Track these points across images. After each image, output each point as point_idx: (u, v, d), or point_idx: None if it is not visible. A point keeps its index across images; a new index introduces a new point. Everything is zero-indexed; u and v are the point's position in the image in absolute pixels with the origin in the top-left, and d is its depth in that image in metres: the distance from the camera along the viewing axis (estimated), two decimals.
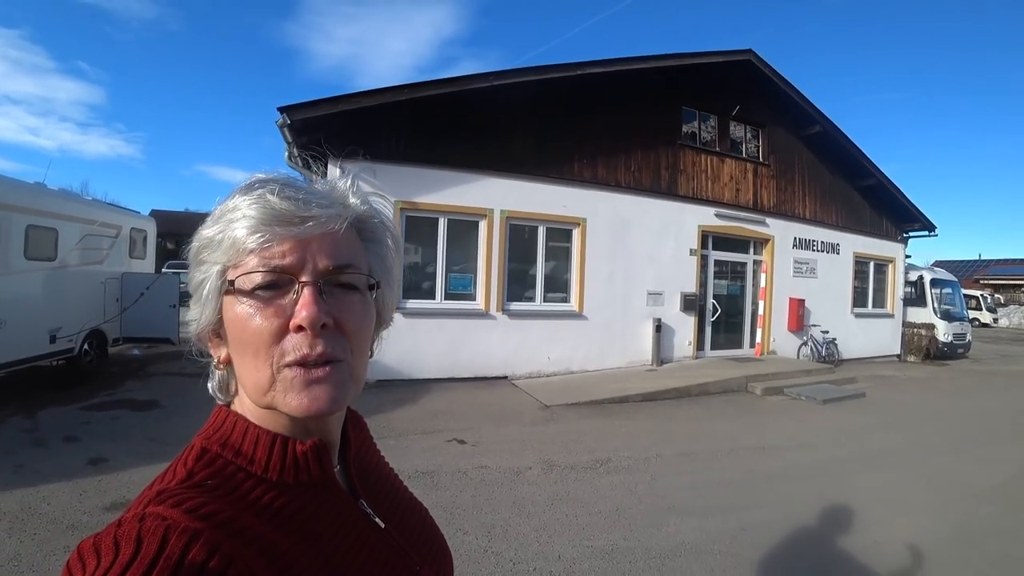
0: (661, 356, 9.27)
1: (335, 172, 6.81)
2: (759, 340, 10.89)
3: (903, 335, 13.42)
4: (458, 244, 8.07)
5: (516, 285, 8.42)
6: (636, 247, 9.19)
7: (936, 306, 13.97)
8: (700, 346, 10.05)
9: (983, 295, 29.60)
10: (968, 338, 14.39)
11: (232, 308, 0.52)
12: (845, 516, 3.79)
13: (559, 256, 8.84)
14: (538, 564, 2.99)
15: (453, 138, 7.76)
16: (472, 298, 8.09)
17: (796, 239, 11.29)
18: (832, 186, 12.00)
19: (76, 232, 6.90)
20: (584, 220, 8.72)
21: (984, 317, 27.72)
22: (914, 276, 14.41)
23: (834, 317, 11.69)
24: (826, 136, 11.27)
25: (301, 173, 7.53)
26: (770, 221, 10.83)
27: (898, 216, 13.33)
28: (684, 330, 9.73)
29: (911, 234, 13.86)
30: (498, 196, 8.09)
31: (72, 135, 75.29)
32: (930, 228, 13.56)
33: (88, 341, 7.15)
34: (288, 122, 6.58)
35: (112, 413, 5.57)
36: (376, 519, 0.61)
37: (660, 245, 9.45)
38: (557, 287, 8.82)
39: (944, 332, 13.57)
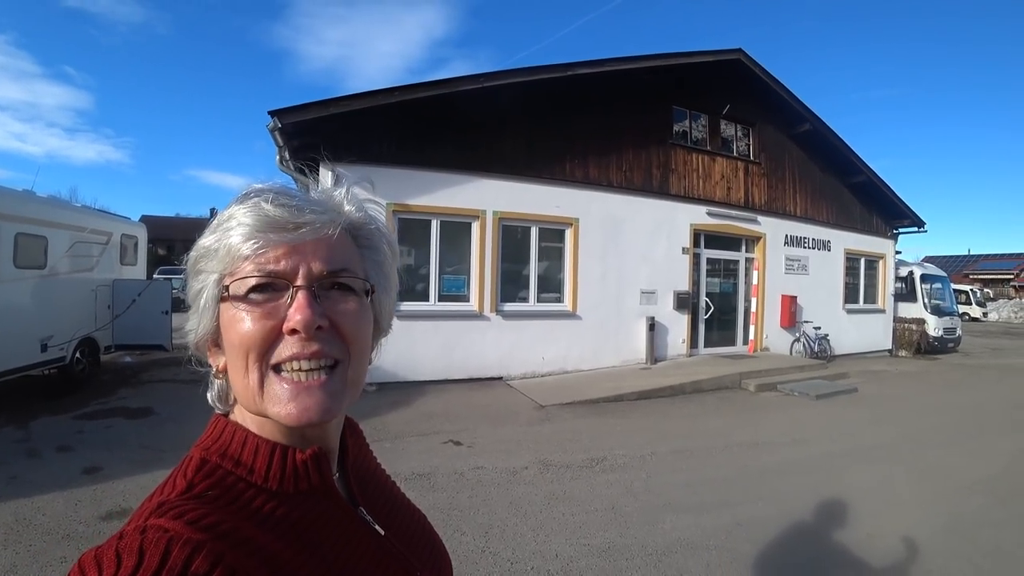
0: (655, 354, 9.31)
1: (327, 175, 6.79)
2: (752, 337, 10.96)
3: (894, 330, 13.55)
4: (451, 246, 8.07)
5: (510, 286, 8.43)
6: (629, 246, 9.23)
7: (926, 301, 14.13)
8: (694, 344, 10.11)
9: (972, 290, 29.95)
10: (958, 332, 14.55)
11: (227, 313, 0.53)
12: (839, 510, 3.83)
13: (552, 256, 8.86)
14: (536, 563, 3.00)
15: (444, 140, 7.76)
16: (466, 299, 8.09)
17: (787, 236, 11.37)
18: (822, 183, 12.10)
19: (66, 239, 6.83)
20: (576, 220, 8.74)
21: (974, 311, 28.03)
22: (904, 272, 14.57)
23: (826, 313, 11.77)
24: (816, 134, 11.37)
25: (292, 177, 7.51)
26: (761, 219, 10.91)
27: (888, 213, 13.46)
28: (677, 328, 9.78)
29: (901, 230, 14.00)
30: (490, 197, 8.09)
31: (60, 141, 74.52)
32: (919, 224, 13.70)
33: (80, 349, 7.08)
34: (279, 126, 6.56)
35: (105, 422, 5.53)
36: (376, 526, 0.62)
37: (653, 244, 9.49)
38: (551, 287, 8.84)
39: (934, 327, 13.74)
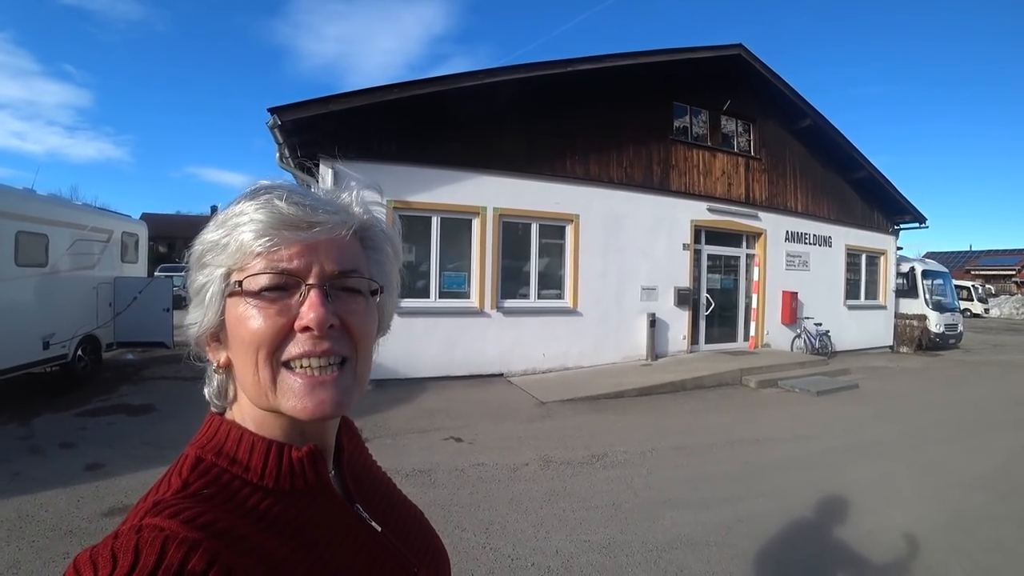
0: (656, 351, 9.31)
1: (327, 173, 6.79)
2: (753, 333, 10.96)
3: (895, 326, 13.54)
4: (452, 242, 8.06)
5: (510, 282, 8.42)
6: (629, 243, 9.21)
7: (928, 297, 14.09)
8: (694, 340, 10.10)
9: (974, 286, 29.84)
10: (960, 328, 14.51)
11: (236, 309, 0.53)
12: (840, 506, 3.83)
13: (553, 253, 8.85)
14: (536, 559, 3.01)
15: (444, 136, 7.74)
16: (467, 296, 8.09)
17: (788, 232, 11.34)
18: (823, 179, 12.07)
19: (67, 237, 6.83)
20: (577, 216, 8.72)
21: (975, 307, 27.96)
22: (906, 268, 14.53)
23: (827, 309, 11.76)
24: (817, 129, 11.33)
25: (293, 174, 7.51)
26: (762, 215, 10.88)
27: (889, 208, 13.42)
28: (678, 324, 9.77)
29: (902, 226, 13.96)
30: (491, 194, 8.08)
31: (59, 139, 74.61)
32: (921, 220, 13.67)
33: (82, 347, 7.09)
34: (279, 123, 6.54)
35: (107, 418, 5.55)
36: (372, 523, 0.62)
37: (653, 240, 9.48)
38: (551, 284, 8.83)
39: (936, 323, 13.70)
